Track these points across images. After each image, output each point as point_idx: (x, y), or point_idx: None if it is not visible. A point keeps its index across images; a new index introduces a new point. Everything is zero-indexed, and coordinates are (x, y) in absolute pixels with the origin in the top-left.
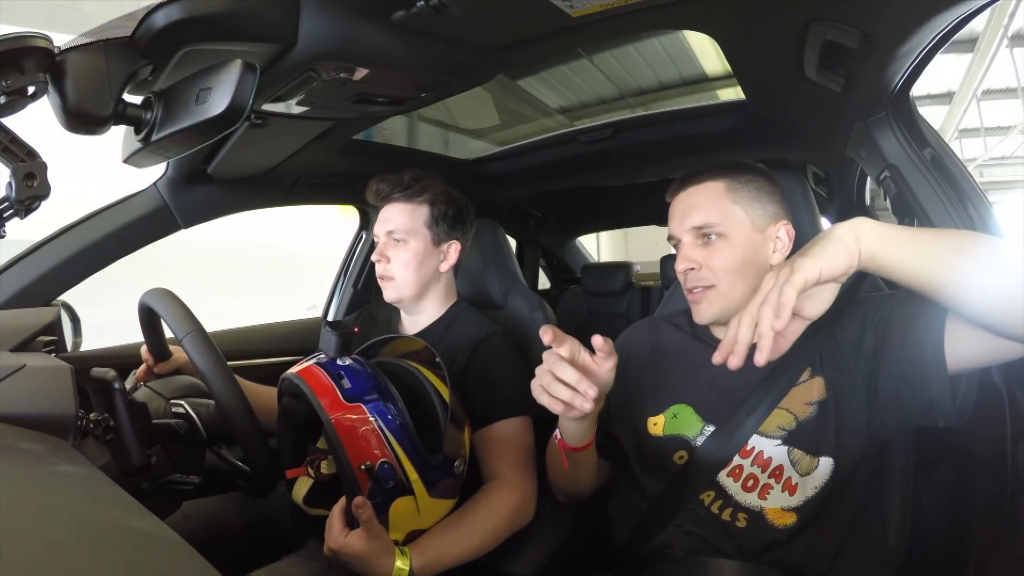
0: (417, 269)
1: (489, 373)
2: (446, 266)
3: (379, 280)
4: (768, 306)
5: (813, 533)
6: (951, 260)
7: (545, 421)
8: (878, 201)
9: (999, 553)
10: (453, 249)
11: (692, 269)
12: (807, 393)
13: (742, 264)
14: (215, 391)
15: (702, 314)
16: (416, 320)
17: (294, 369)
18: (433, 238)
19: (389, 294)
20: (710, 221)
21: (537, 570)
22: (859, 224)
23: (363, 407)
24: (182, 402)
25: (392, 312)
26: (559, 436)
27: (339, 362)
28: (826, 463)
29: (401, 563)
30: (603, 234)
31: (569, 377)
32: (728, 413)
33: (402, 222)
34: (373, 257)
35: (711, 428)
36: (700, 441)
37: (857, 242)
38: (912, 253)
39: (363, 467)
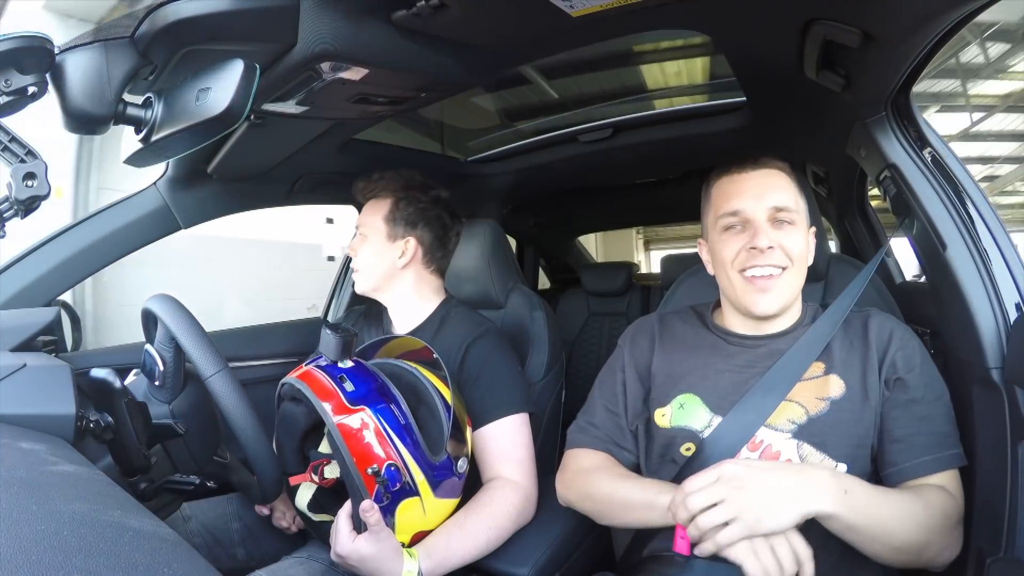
0: (372, 262)
1: (484, 371)
2: (404, 262)
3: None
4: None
5: (815, 532)
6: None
7: (543, 419)
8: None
9: (999, 553)
10: (410, 246)
11: (771, 248)
12: (821, 388)
13: (806, 255)
14: (219, 398)
15: (769, 304)
16: (405, 320)
17: (294, 373)
18: (388, 232)
19: (357, 285)
20: (789, 205)
21: (537, 570)
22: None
23: (367, 409)
24: None
25: (383, 311)
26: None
27: (340, 365)
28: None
29: (410, 565)
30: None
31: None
32: (735, 404)
33: (365, 216)
34: (347, 251)
35: (719, 419)
36: (708, 433)
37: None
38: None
39: (369, 470)
